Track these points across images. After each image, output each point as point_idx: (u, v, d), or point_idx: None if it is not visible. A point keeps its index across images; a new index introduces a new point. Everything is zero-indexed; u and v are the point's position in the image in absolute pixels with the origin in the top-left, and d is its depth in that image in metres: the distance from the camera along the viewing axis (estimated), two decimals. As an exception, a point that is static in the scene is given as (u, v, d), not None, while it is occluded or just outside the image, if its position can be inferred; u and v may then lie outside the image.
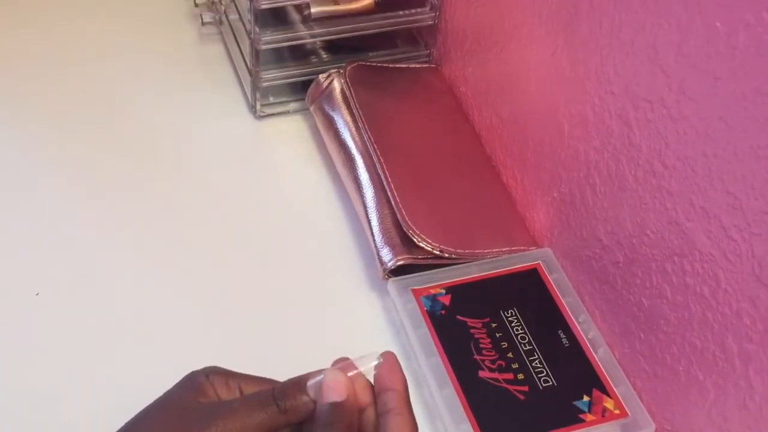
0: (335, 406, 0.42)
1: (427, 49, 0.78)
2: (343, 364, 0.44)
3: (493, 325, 0.58)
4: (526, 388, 0.55)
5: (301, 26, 0.73)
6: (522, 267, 0.62)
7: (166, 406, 0.43)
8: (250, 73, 0.74)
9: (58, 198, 0.69)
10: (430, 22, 0.75)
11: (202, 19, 0.80)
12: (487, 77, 0.70)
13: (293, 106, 0.76)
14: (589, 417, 0.53)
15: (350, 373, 0.43)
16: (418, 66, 0.77)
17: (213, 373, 0.45)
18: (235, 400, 0.43)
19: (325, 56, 0.76)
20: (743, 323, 0.45)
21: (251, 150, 0.74)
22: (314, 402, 0.43)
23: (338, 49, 0.76)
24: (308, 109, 0.74)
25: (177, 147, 0.74)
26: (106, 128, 0.74)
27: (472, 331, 0.57)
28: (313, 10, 0.72)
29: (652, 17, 0.48)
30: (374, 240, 0.63)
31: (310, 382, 0.43)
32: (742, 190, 0.44)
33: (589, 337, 0.58)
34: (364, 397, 0.43)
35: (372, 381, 0.44)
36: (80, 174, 0.71)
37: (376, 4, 0.73)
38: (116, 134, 0.74)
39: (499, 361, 0.56)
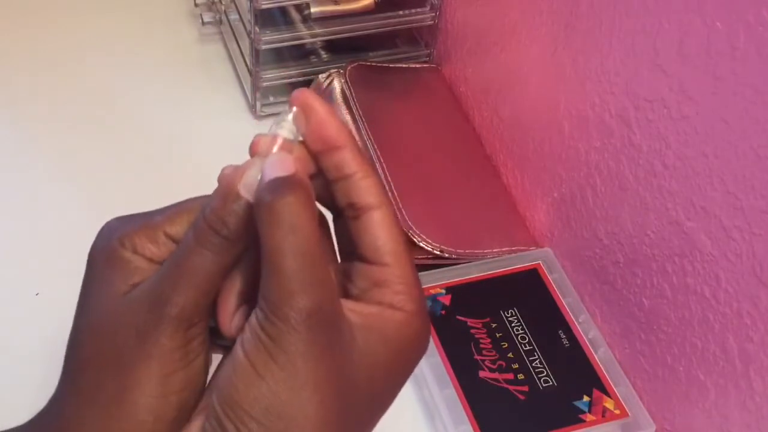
0: (277, 180, 0.33)
1: (427, 49, 0.78)
2: (258, 140, 0.36)
3: (494, 325, 0.58)
4: (526, 388, 0.54)
5: (301, 26, 0.73)
6: (522, 267, 0.62)
7: (100, 320, 0.35)
8: (250, 73, 0.73)
9: (58, 198, 0.69)
10: (430, 22, 0.75)
11: (202, 19, 0.80)
12: (487, 77, 0.70)
13: (293, 106, 0.76)
14: (589, 417, 0.53)
15: (278, 143, 0.35)
16: (418, 66, 0.77)
17: (126, 235, 0.35)
18: (174, 259, 0.34)
19: (325, 56, 0.76)
20: (744, 323, 0.45)
21: (251, 150, 0.74)
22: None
23: (338, 49, 0.76)
24: (308, 109, 0.74)
25: (177, 147, 0.74)
26: (105, 128, 0.74)
27: (472, 331, 0.57)
28: (313, 10, 0.72)
29: (652, 17, 0.48)
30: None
31: (242, 185, 0.34)
32: (743, 190, 0.44)
33: (589, 337, 0.58)
34: (307, 168, 0.35)
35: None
36: (80, 174, 0.71)
37: (376, 4, 0.73)
38: (116, 134, 0.74)
39: (500, 362, 0.56)
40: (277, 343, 0.31)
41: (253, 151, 0.36)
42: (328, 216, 0.38)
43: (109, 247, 0.36)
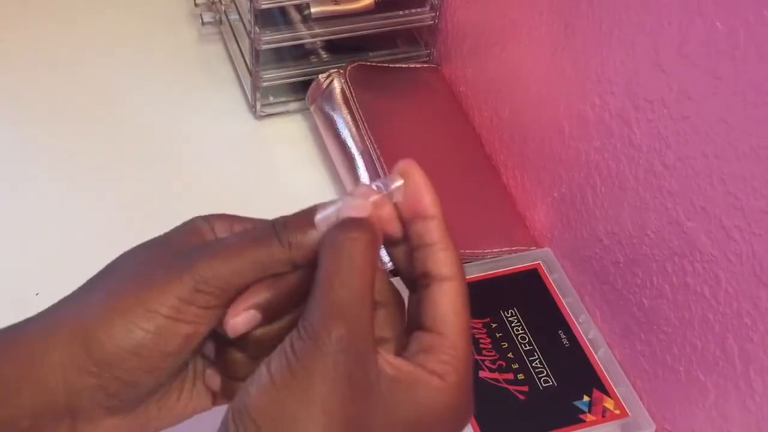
0: (349, 220, 0.34)
1: (427, 49, 0.78)
2: (360, 189, 0.36)
3: (494, 325, 0.58)
4: (526, 389, 0.54)
5: (301, 26, 0.73)
6: (522, 267, 0.62)
7: (152, 244, 0.38)
8: (250, 73, 0.73)
9: (58, 198, 0.69)
10: (430, 22, 0.75)
11: (202, 19, 0.80)
12: (487, 77, 0.70)
13: (293, 106, 0.76)
14: (589, 417, 0.53)
15: (372, 198, 0.36)
16: (418, 66, 0.77)
17: (215, 216, 0.39)
18: (228, 237, 0.37)
19: (325, 56, 0.76)
20: (744, 323, 0.45)
21: (251, 150, 0.74)
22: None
23: (338, 49, 0.76)
24: (308, 109, 0.74)
25: (177, 147, 0.74)
26: (105, 128, 0.74)
27: (472, 331, 0.57)
28: (313, 10, 0.72)
29: (652, 17, 0.48)
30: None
31: (320, 215, 0.36)
32: (743, 190, 0.44)
33: (589, 337, 0.58)
34: (392, 229, 0.37)
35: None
36: (80, 174, 0.71)
37: (376, 4, 0.73)
38: (115, 134, 0.74)
39: (500, 362, 0.56)
40: (300, 359, 0.32)
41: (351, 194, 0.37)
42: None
43: (195, 219, 0.39)
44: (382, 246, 0.38)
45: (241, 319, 0.36)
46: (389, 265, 0.39)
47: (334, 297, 0.32)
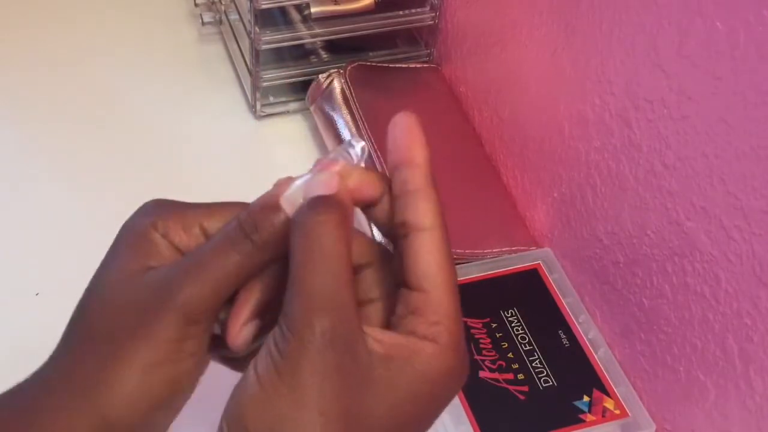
0: (316, 200, 0.33)
1: (427, 49, 0.78)
2: (323, 162, 0.35)
3: (494, 325, 0.58)
4: (526, 389, 0.54)
5: (301, 26, 0.73)
6: (522, 267, 0.62)
7: (108, 292, 0.34)
8: (250, 73, 0.73)
9: (58, 198, 0.69)
10: (430, 22, 0.75)
11: (202, 19, 0.80)
12: (487, 77, 0.70)
13: (293, 106, 0.76)
14: (589, 417, 0.53)
15: (336, 169, 0.34)
16: (418, 66, 0.77)
17: (162, 218, 0.35)
18: (198, 252, 0.34)
19: (325, 56, 0.76)
20: (744, 323, 0.45)
21: (251, 150, 0.74)
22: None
23: (338, 49, 0.76)
24: (308, 109, 0.74)
25: (176, 147, 0.74)
26: (105, 128, 0.74)
27: (472, 331, 0.57)
28: (313, 10, 0.72)
29: (652, 17, 0.48)
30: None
31: (285, 195, 0.34)
32: (743, 190, 0.44)
33: (589, 337, 0.58)
34: (368, 192, 0.35)
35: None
36: (80, 174, 0.71)
37: (376, 4, 0.73)
38: (115, 134, 0.74)
39: (500, 362, 0.56)
40: (286, 359, 0.31)
41: (313, 170, 0.36)
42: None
43: (140, 225, 0.35)
44: (361, 210, 0.36)
45: (243, 338, 0.35)
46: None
47: (311, 287, 0.31)
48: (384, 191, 0.35)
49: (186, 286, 0.33)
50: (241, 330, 0.35)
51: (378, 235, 0.37)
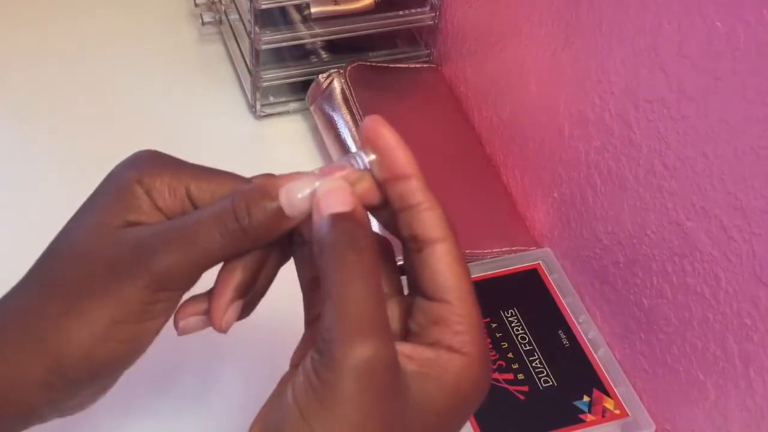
0: (340, 218, 0.32)
1: (427, 49, 0.78)
2: (328, 167, 0.34)
3: (494, 325, 0.58)
4: (526, 389, 0.54)
5: (301, 26, 0.73)
6: (522, 267, 0.62)
7: (81, 240, 0.34)
8: (250, 73, 0.73)
9: (58, 198, 0.68)
10: (430, 22, 0.75)
11: (202, 19, 0.80)
12: (487, 77, 0.70)
13: (293, 106, 0.76)
14: (589, 417, 0.53)
15: (343, 173, 0.33)
16: (418, 66, 0.77)
17: (149, 175, 0.34)
18: (184, 223, 0.33)
19: (325, 56, 0.76)
20: (744, 323, 0.45)
21: (251, 150, 0.74)
22: (289, 219, 0.33)
23: (338, 49, 0.76)
24: (308, 109, 0.74)
25: (176, 147, 0.73)
26: (105, 128, 0.74)
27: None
28: (313, 10, 0.72)
29: (652, 17, 0.48)
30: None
31: (286, 188, 0.33)
32: (743, 190, 0.44)
33: (589, 337, 0.58)
34: (371, 199, 0.34)
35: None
36: (80, 173, 0.70)
37: (376, 4, 0.73)
38: (116, 134, 0.74)
39: (500, 362, 0.56)
40: (327, 387, 0.30)
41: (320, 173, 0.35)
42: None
43: (125, 179, 0.34)
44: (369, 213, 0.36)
45: (227, 320, 0.35)
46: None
47: (351, 313, 0.30)
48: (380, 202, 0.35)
49: (166, 254, 0.32)
50: (225, 311, 0.35)
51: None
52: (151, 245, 0.33)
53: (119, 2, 0.86)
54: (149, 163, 0.35)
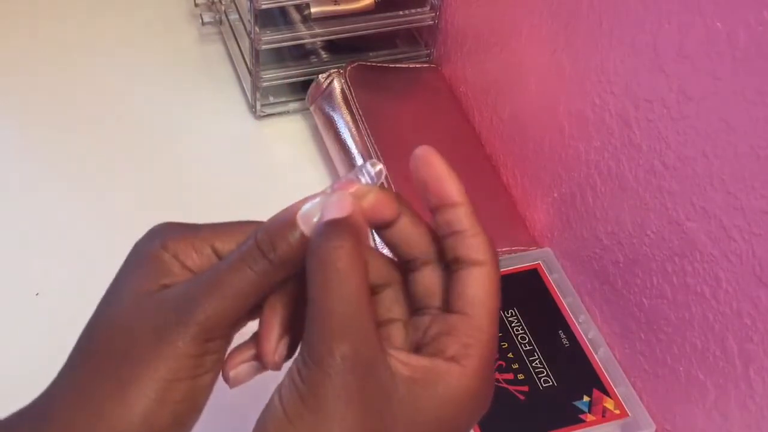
0: (329, 223, 0.32)
1: (427, 49, 0.78)
2: (340, 183, 0.35)
3: (494, 325, 0.58)
4: (526, 389, 0.54)
5: (301, 26, 0.73)
6: (522, 267, 0.62)
7: (121, 310, 0.34)
8: (250, 73, 0.73)
9: (58, 198, 0.69)
10: (430, 22, 0.75)
11: (202, 19, 0.80)
12: (487, 77, 0.70)
13: (293, 106, 0.76)
14: (589, 417, 0.53)
15: (352, 190, 0.34)
16: (418, 66, 0.77)
17: (172, 240, 0.35)
18: (215, 270, 0.34)
19: (325, 56, 0.76)
20: (744, 323, 0.45)
21: (251, 150, 0.74)
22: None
23: (338, 49, 0.76)
24: (308, 109, 0.74)
25: (176, 147, 0.74)
26: (105, 128, 0.74)
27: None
28: (313, 10, 0.72)
29: (652, 17, 0.48)
30: (374, 240, 0.62)
31: (301, 213, 0.33)
32: (743, 190, 0.44)
33: (589, 337, 0.58)
34: (384, 213, 0.35)
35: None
36: (80, 174, 0.71)
37: (376, 4, 0.73)
38: (115, 134, 0.74)
39: (500, 362, 0.56)
40: (309, 386, 0.31)
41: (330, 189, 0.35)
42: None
43: (150, 247, 0.35)
44: (375, 232, 0.36)
45: (279, 355, 0.35)
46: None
47: (329, 314, 0.31)
48: (399, 212, 0.36)
49: (206, 302, 0.33)
50: (276, 349, 0.35)
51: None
52: (190, 297, 0.33)
53: (119, 2, 0.86)
54: (169, 230, 0.36)
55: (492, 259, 0.35)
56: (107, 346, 0.34)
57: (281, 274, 0.34)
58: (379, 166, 0.35)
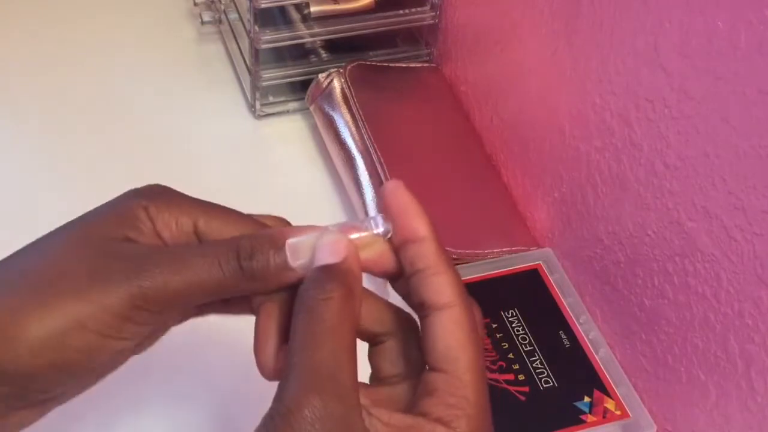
0: (320, 270, 0.31)
1: (427, 49, 0.78)
2: (345, 225, 0.33)
3: (494, 325, 0.58)
4: (526, 389, 0.54)
5: (300, 25, 0.73)
6: (523, 267, 0.62)
7: (82, 234, 0.33)
8: (250, 73, 0.73)
9: (58, 198, 0.69)
10: (430, 22, 0.75)
11: (201, 19, 0.80)
12: (487, 77, 0.69)
13: (293, 105, 0.76)
14: (590, 418, 0.53)
15: (353, 236, 0.33)
16: (418, 66, 0.77)
17: (156, 205, 0.34)
18: (185, 251, 0.33)
19: (325, 56, 0.75)
20: (745, 324, 0.45)
21: (251, 150, 0.74)
22: (293, 270, 0.32)
23: (338, 48, 0.76)
24: (308, 108, 0.74)
25: (176, 147, 0.74)
26: (105, 127, 0.74)
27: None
28: (313, 9, 0.72)
29: (652, 17, 0.48)
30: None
31: (292, 240, 0.32)
32: (744, 190, 0.44)
33: (590, 337, 0.57)
34: (386, 265, 0.33)
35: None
36: (79, 174, 0.71)
37: (376, 3, 0.73)
38: (115, 134, 0.74)
39: (500, 362, 0.56)
40: None
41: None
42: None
43: (132, 203, 0.34)
44: (389, 282, 0.35)
45: (280, 363, 0.33)
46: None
47: (306, 368, 0.29)
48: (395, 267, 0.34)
49: (159, 271, 0.31)
50: (275, 358, 0.33)
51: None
52: (147, 260, 0.32)
53: (119, 2, 0.86)
54: (160, 196, 0.35)
55: (457, 300, 0.32)
56: (33, 267, 0.33)
57: (248, 286, 0.33)
58: (388, 225, 0.33)
